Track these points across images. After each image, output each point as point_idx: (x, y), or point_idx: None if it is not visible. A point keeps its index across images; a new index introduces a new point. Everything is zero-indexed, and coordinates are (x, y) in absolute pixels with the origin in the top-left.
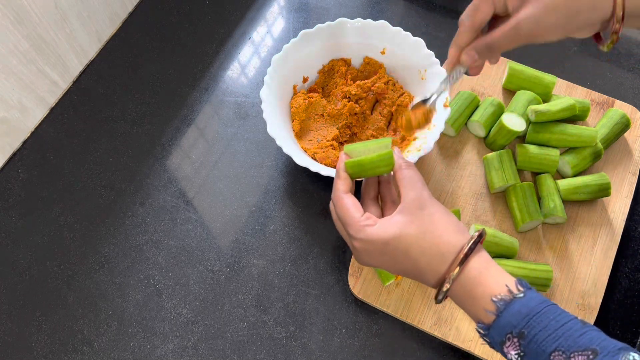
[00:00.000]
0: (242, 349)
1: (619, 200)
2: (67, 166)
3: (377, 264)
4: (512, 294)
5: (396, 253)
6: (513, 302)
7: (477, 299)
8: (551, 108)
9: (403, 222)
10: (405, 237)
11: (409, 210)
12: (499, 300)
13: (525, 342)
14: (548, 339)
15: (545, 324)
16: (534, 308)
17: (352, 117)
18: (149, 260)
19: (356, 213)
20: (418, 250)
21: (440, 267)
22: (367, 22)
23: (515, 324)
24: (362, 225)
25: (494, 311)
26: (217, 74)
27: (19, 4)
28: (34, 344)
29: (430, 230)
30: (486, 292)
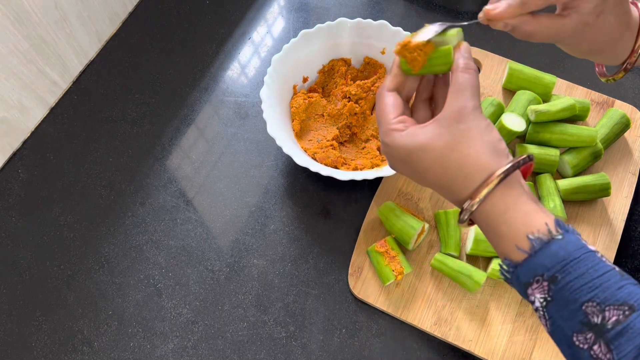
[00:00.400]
0: (242, 349)
1: (619, 200)
2: (67, 166)
3: (401, 171)
4: (551, 234)
5: (418, 165)
6: (550, 243)
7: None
8: (551, 108)
9: (432, 133)
10: (430, 151)
11: (444, 121)
12: (535, 239)
13: (557, 288)
14: (583, 287)
15: (582, 271)
16: (573, 253)
17: (352, 117)
18: (149, 260)
19: (391, 114)
20: (440, 168)
21: (465, 190)
22: (367, 22)
23: (549, 266)
24: (391, 128)
25: (527, 250)
26: (217, 74)
27: (19, 4)
28: (34, 344)
29: (459, 149)
30: (515, 230)
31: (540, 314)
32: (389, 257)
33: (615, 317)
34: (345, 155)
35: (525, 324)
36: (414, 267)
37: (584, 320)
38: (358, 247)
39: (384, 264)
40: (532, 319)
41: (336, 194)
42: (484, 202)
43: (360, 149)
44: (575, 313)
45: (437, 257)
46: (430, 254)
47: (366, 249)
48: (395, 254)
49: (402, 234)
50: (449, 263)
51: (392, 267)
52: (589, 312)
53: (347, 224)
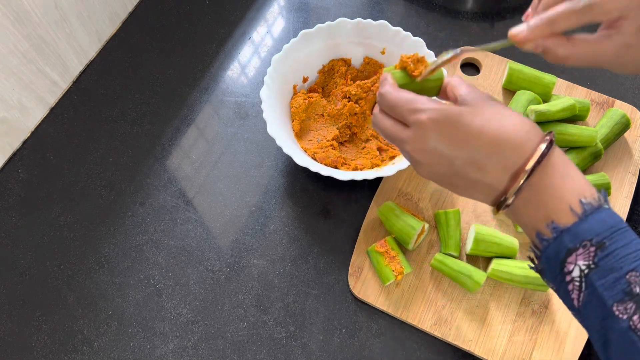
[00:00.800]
0: (242, 349)
1: (619, 200)
2: (67, 166)
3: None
4: (600, 202)
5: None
6: (601, 210)
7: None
8: (551, 108)
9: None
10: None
11: (475, 99)
12: (587, 203)
13: (603, 254)
14: (629, 256)
15: (628, 240)
16: (619, 223)
17: (352, 117)
18: (149, 260)
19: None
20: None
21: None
22: (367, 22)
23: (598, 231)
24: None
25: (579, 213)
26: (217, 74)
27: (19, 4)
28: (34, 344)
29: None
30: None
31: (576, 285)
32: (389, 257)
33: None
34: (345, 155)
35: (525, 324)
36: (414, 267)
37: (626, 289)
38: (358, 247)
39: (384, 264)
40: (532, 319)
41: (336, 194)
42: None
43: (360, 149)
44: (619, 281)
45: (437, 257)
46: (430, 254)
47: (366, 249)
48: (395, 254)
49: (402, 234)
50: (449, 263)
51: (392, 267)
52: (632, 282)
53: (347, 224)
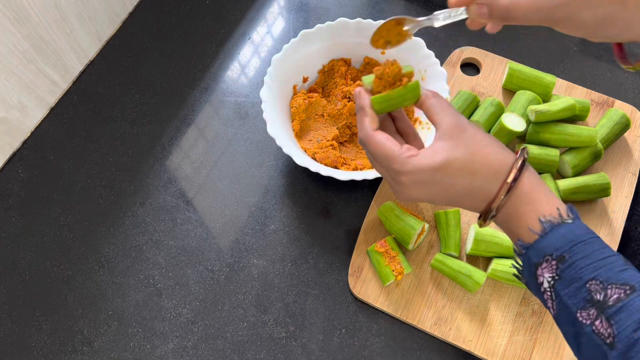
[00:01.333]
0: (242, 349)
1: (619, 200)
2: (67, 166)
3: (426, 196)
4: (562, 218)
5: (446, 180)
6: (560, 226)
7: (524, 217)
8: (551, 108)
9: (448, 146)
10: (454, 162)
11: (450, 134)
12: (546, 221)
13: (564, 267)
14: (588, 267)
15: (588, 252)
16: (580, 236)
17: (352, 117)
18: (149, 260)
19: (395, 147)
20: (469, 173)
21: (493, 186)
22: (367, 22)
23: (557, 246)
24: (406, 157)
25: (539, 231)
26: (217, 74)
27: (19, 4)
28: (34, 344)
29: (478, 151)
30: (535, 211)
31: (548, 295)
32: (389, 257)
33: (616, 295)
34: (345, 155)
35: (525, 324)
36: (414, 267)
37: (587, 297)
38: (358, 247)
39: (384, 264)
40: (532, 319)
41: (336, 194)
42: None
43: (360, 149)
44: (580, 290)
45: (437, 257)
46: (430, 254)
47: (366, 249)
48: (395, 254)
49: (402, 234)
50: (449, 263)
51: (392, 267)
52: (592, 290)
53: (347, 224)
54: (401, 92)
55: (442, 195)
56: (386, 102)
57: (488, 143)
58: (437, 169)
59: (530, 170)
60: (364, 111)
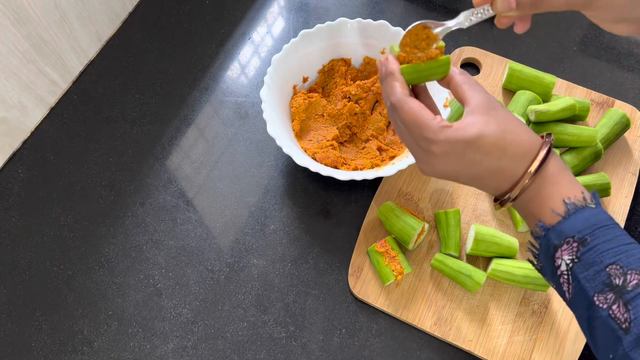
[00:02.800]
0: (242, 349)
1: (619, 200)
2: (67, 166)
3: (452, 170)
4: (585, 202)
5: (477, 154)
6: (584, 209)
7: (547, 199)
8: (551, 108)
9: (481, 121)
10: (487, 137)
11: (481, 110)
12: (570, 203)
13: (585, 249)
14: (609, 251)
15: (610, 237)
16: (603, 220)
17: (352, 117)
18: (149, 260)
19: (429, 115)
20: (499, 150)
21: (520, 165)
22: (367, 22)
23: (580, 229)
24: (441, 125)
25: (562, 213)
26: (217, 74)
27: (19, 4)
28: (34, 344)
29: (510, 130)
30: (559, 193)
31: (564, 279)
32: (389, 257)
33: (636, 280)
34: (345, 155)
35: (525, 324)
36: (414, 267)
37: (606, 281)
38: (358, 247)
39: (384, 264)
40: (532, 319)
41: (336, 194)
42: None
43: (360, 149)
44: (599, 274)
45: (437, 257)
46: (430, 254)
47: (366, 249)
48: (395, 254)
49: (402, 234)
50: (449, 263)
51: (392, 267)
52: (612, 274)
53: (347, 224)
54: (431, 65)
55: (468, 172)
56: (415, 72)
57: (518, 123)
58: (471, 142)
59: (556, 155)
60: (393, 76)
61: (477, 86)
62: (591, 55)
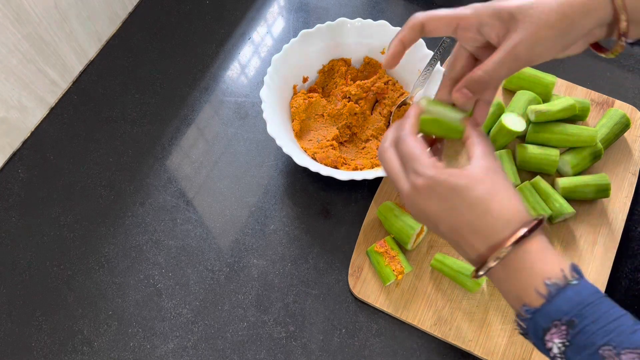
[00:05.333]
0: (242, 349)
1: (619, 200)
2: (67, 166)
3: (433, 212)
4: (566, 280)
5: (460, 203)
6: (566, 288)
7: (529, 278)
8: (551, 108)
9: (475, 177)
10: (476, 190)
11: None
12: (551, 284)
13: (574, 332)
14: (599, 331)
15: (597, 315)
16: (587, 298)
17: (352, 117)
18: (149, 260)
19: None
20: (485, 206)
21: (502, 230)
22: (367, 22)
23: (566, 310)
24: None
25: (545, 294)
26: (217, 74)
27: (19, 4)
28: (34, 344)
29: (502, 195)
30: (540, 272)
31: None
32: (389, 257)
33: None
34: (345, 155)
35: None
36: (414, 267)
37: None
38: (358, 247)
39: (384, 264)
40: None
41: (336, 194)
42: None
43: (360, 149)
44: (593, 356)
45: (437, 257)
46: (430, 254)
47: (366, 249)
48: (395, 254)
49: (401, 234)
50: (449, 263)
51: (393, 267)
52: (606, 356)
53: (347, 224)
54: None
55: (448, 219)
56: (431, 124)
57: (514, 193)
58: (456, 189)
59: (543, 235)
60: (409, 119)
61: (492, 154)
62: (591, 55)
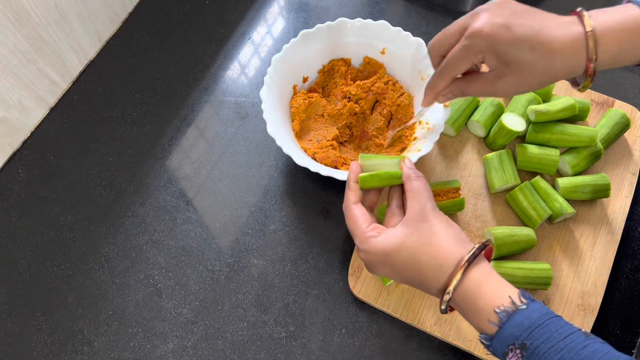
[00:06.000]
0: (242, 349)
1: (619, 200)
2: (67, 166)
3: (383, 274)
4: (515, 306)
5: (397, 264)
6: (515, 314)
7: (479, 311)
8: (551, 108)
9: (404, 234)
10: (405, 249)
11: (411, 222)
12: (501, 312)
13: (528, 354)
14: (550, 350)
15: (547, 336)
16: (537, 320)
17: (352, 117)
18: (149, 260)
19: (363, 224)
20: (417, 262)
21: (440, 278)
22: (367, 22)
23: (517, 335)
24: (366, 236)
25: (497, 322)
26: (217, 74)
27: (19, 4)
28: (34, 344)
29: (429, 243)
30: (488, 304)
31: None
32: None
33: None
34: (345, 155)
35: None
36: None
37: None
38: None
39: None
40: None
41: (336, 194)
42: (460, 283)
43: (362, 149)
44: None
45: None
46: None
47: None
48: None
49: None
50: None
51: None
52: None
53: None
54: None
55: (397, 277)
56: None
57: (443, 236)
58: (388, 254)
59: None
60: (349, 184)
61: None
62: None
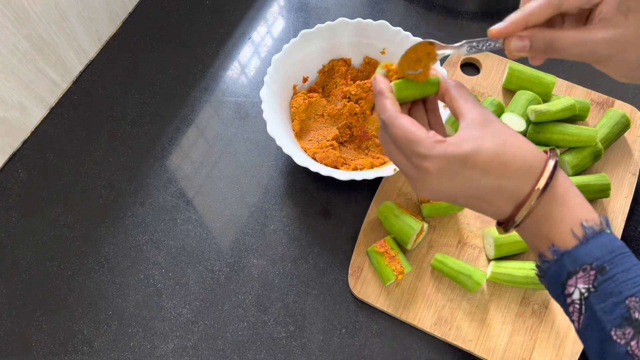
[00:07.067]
0: (242, 349)
1: (619, 200)
2: (67, 166)
3: (449, 190)
4: (602, 226)
5: (474, 172)
6: (601, 234)
7: (561, 220)
8: (551, 108)
9: (477, 136)
10: (484, 152)
11: (477, 125)
12: (589, 227)
13: (603, 278)
14: (629, 281)
15: (628, 266)
16: (620, 247)
17: (352, 117)
18: (149, 260)
19: (421, 130)
20: (500, 165)
21: (525, 183)
22: (367, 22)
23: (598, 255)
24: (435, 140)
25: (580, 236)
26: (217, 74)
27: (19, 4)
28: (34, 344)
29: (510, 143)
30: (572, 214)
31: (576, 307)
32: (389, 257)
33: None
34: (345, 155)
35: (525, 324)
36: (414, 267)
37: (625, 315)
38: (358, 247)
39: (384, 264)
40: (532, 319)
41: (336, 194)
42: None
43: (362, 148)
44: (618, 306)
45: (437, 257)
46: (430, 254)
47: (366, 249)
48: (395, 254)
49: (401, 234)
50: (449, 263)
51: (393, 267)
52: (632, 307)
53: (347, 224)
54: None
55: (466, 192)
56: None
57: (518, 136)
58: (467, 158)
59: (563, 172)
60: (383, 94)
61: (472, 100)
62: None
